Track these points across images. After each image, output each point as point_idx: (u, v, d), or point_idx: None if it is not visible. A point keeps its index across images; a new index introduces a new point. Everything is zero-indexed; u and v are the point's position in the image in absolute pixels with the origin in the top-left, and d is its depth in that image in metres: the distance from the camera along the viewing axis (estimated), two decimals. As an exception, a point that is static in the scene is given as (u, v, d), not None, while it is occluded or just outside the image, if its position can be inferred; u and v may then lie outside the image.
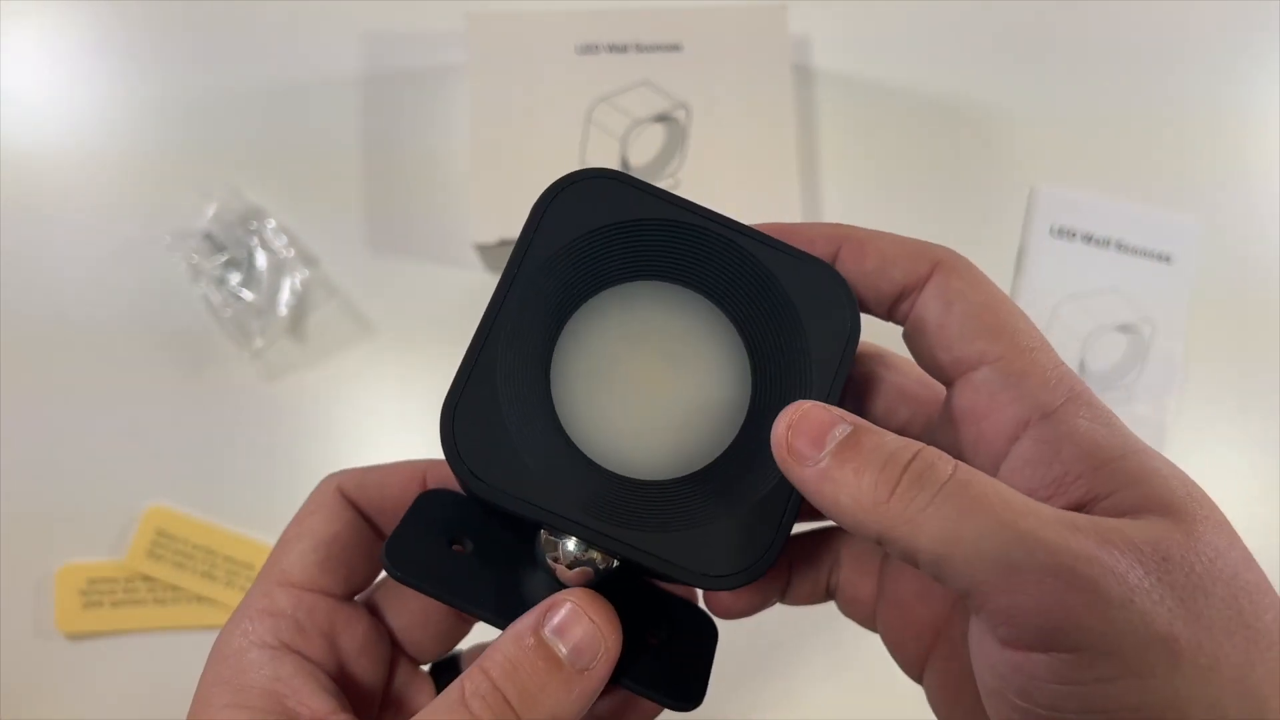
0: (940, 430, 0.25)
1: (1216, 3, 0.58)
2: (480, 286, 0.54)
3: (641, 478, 0.24)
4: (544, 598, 0.23)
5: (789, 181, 0.49)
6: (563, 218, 0.25)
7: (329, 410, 0.53)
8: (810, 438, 0.21)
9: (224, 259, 0.52)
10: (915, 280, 0.25)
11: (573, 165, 0.48)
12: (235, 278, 0.52)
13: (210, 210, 0.52)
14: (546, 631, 0.22)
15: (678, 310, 0.25)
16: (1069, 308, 0.55)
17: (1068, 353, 0.54)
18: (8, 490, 0.52)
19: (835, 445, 0.21)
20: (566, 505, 0.23)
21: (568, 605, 0.23)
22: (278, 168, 0.54)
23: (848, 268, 0.25)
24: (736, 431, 0.25)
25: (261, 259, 0.52)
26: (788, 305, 0.25)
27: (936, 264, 0.24)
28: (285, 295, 0.52)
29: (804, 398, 0.23)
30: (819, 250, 0.25)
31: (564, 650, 0.22)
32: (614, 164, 0.48)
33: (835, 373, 0.25)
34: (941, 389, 0.25)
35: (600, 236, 0.25)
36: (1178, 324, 0.55)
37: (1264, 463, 0.55)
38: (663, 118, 0.49)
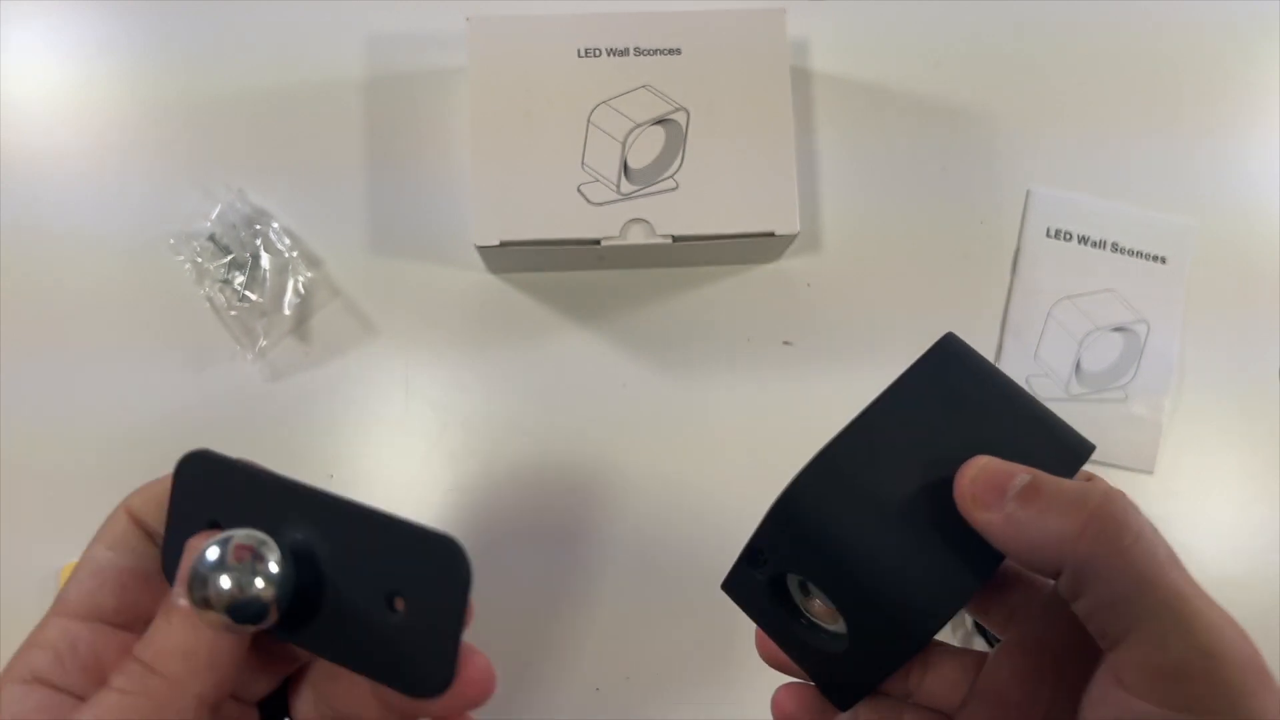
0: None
1: (1215, 4, 0.59)
2: (481, 287, 0.55)
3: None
4: None
5: (788, 184, 0.49)
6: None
7: (332, 410, 0.53)
8: (992, 486, 0.24)
9: (228, 260, 0.52)
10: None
11: (573, 167, 0.49)
12: (239, 279, 0.52)
13: (214, 211, 0.53)
14: (176, 594, 0.23)
15: None
16: (1065, 308, 0.55)
17: (1064, 353, 0.55)
18: (11, 489, 0.52)
19: (1017, 492, 0.24)
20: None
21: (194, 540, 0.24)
22: (281, 169, 0.55)
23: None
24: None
25: (265, 260, 0.52)
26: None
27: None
28: (289, 296, 0.52)
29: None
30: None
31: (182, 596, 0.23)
32: (614, 166, 0.49)
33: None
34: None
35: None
36: (1174, 324, 0.56)
37: (1260, 462, 0.55)
38: (662, 120, 0.49)
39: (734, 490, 0.54)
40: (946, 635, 0.53)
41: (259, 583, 0.23)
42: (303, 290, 0.53)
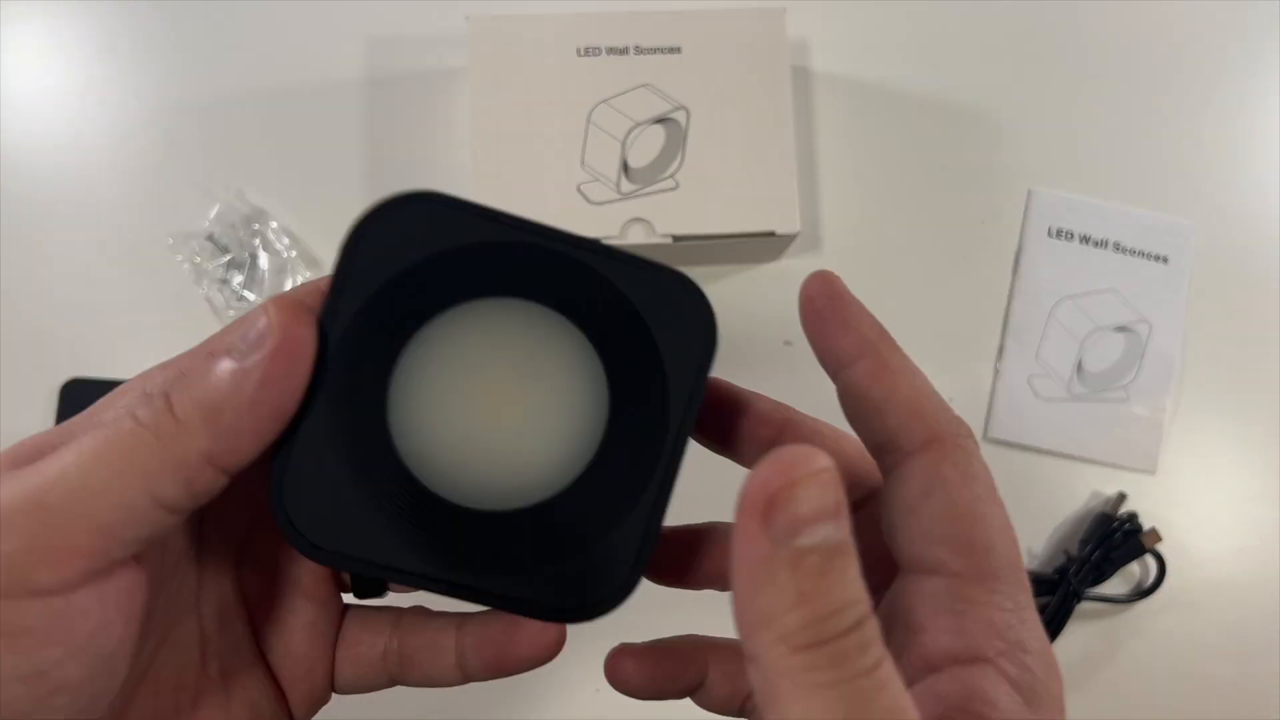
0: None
1: (1215, 4, 0.58)
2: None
3: (487, 509, 0.23)
4: None
5: (788, 183, 0.49)
6: (380, 248, 0.23)
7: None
8: (797, 521, 0.17)
9: (226, 260, 0.52)
10: (910, 446, 0.23)
11: (573, 167, 0.49)
12: (238, 279, 0.52)
13: (213, 212, 0.52)
14: (232, 339, 0.21)
15: (524, 324, 0.23)
16: (1067, 308, 0.55)
17: (1065, 353, 0.55)
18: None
19: (809, 546, 0.17)
20: (410, 558, 0.23)
21: (259, 312, 0.21)
22: (280, 169, 0.54)
23: (866, 386, 0.24)
24: (593, 453, 0.23)
25: (264, 260, 0.52)
26: (638, 322, 0.23)
27: (935, 439, 0.23)
28: (287, 296, 0.52)
29: (656, 423, 0.22)
30: (857, 375, 0.24)
31: (240, 345, 0.21)
32: (614, 166, 0.49)
33: (691, 394, 0.24)
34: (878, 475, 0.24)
35: (425, 267, 0.23)
36: (1175, 324, 0.55)
37: (1261, 462, 0.55)
38: (662, 119, 0.49)
39: (733, 490, 0.54)
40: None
41: None
42: (302, 290, 0.53)
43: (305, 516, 0.23)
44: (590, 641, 0.53)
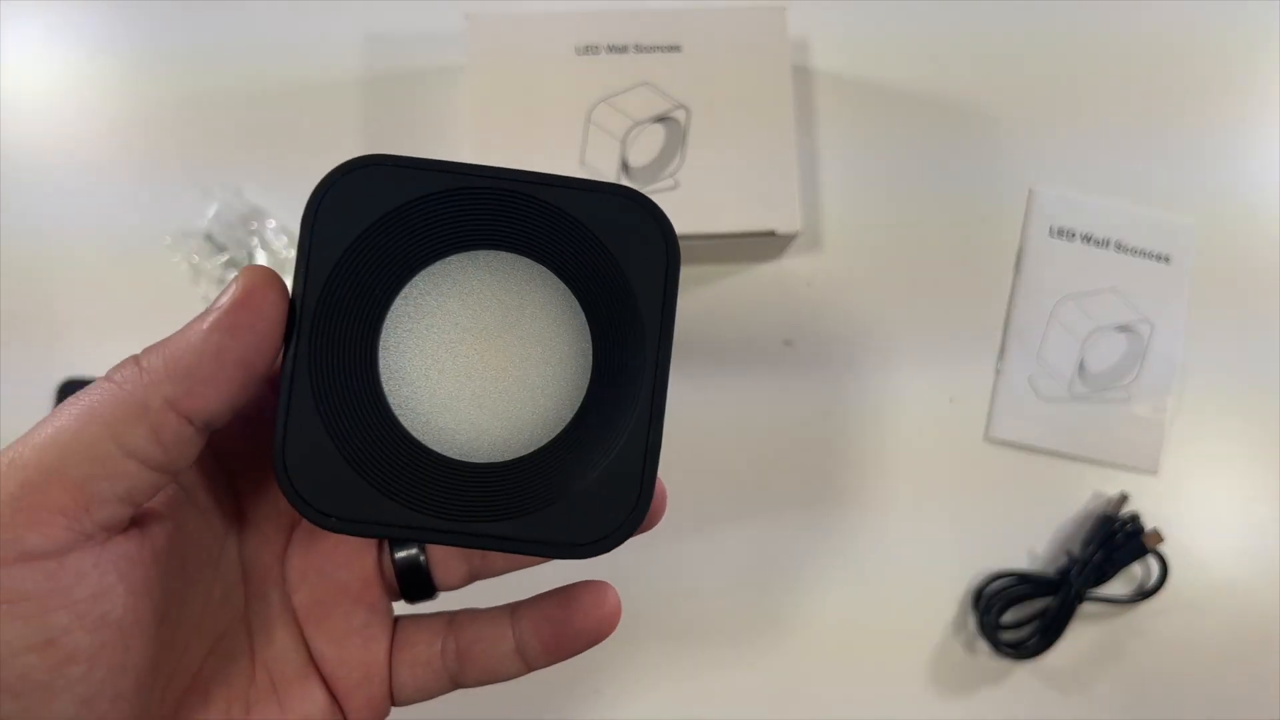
0: None
1: (1216, 4, 0.58)
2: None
3: (492, 460, 0.24)
4: None
5: (789, 182, 0.49)
6: (339, 215, 0.23)
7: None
8: None
9: (225, 259, 0.52)
10: None
11: (573, 165, 0.49)
12: (236, 278, 0.52)
13: (211, 210, 0.52)
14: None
15: (499, 275, 0.24)
16: (1068, 308, 0.55)
17: (1067, 353, 0.55)
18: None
19: None
20: (417, 516, 0.23)
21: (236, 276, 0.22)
22: (279, 168, 0.54)
23: None
24: (584, 391, 0.24)
25: (262, 259, 0.52)
26: (599, 247, 0.24)
27: None
28: (285, 295, 0.52)
29: (638, 343, 0.23)
30: None
31: (220, 301, 0.22)
32: (614, 165, 0.48)
33: (662, 309, 0.23)
34: None
35: (386, 225, 0.23)
36: (1177, 324, 0.55)
37: (1264, 462, 0.55)
38: (662, 118, 0.49)
39: (733, 490, 0.54)
40: (950, 634, 0.53)
41: None
42: (300, 290, 0.52)
43: (310, 485, 0.23)
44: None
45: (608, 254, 0.23)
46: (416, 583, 0.28)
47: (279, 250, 0.52)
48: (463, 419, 0.24)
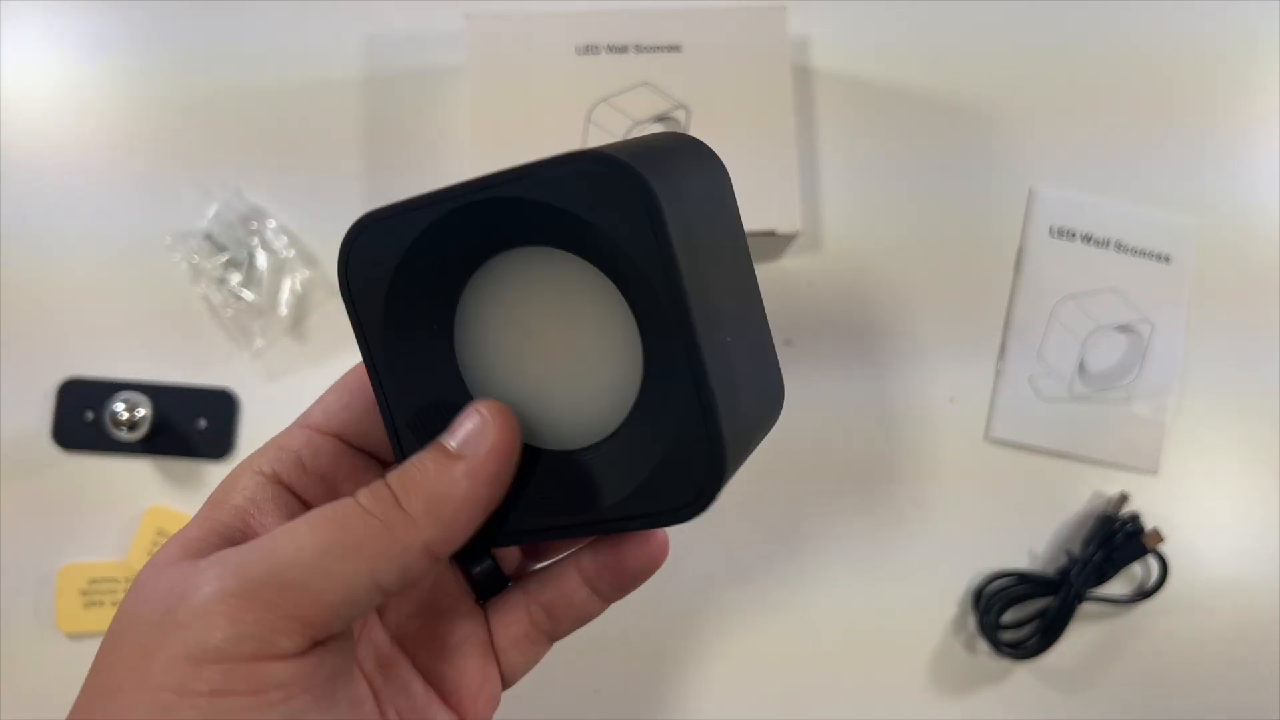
0: None
1: (1216, 3, 0.58)
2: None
3: (579, 446, 0.25)
4: None
5: (789, 182, 0.49)
6: (368, 270, 0.25)
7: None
8: None
9: (225, 259, 0.52)
10: None
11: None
12: (236, 278, 0.52)
13: (211, 210, 0.52)
14: (445, 440, 0.24)
15: (532, 275, 0.24)
16: (1068, 308, 0.55)
17: (1067, 353, 0.55)
18: (10, 490, 0.52)
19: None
20: (533, 518, 0.24)
21: (470, 412, 0.24)
22: (278, 168, 0.54)
23: None
24: (642, 366, 0.24)
25: (262, 259, 0.52)
26: (592, 228, 0.23)
27: None
28: (286, 295, 0.52)
29: (671, 302, 0.22)
30: None
31: (453, 444, 0.23)
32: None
33: (664, 255, 0.22)
34: None
35: (405, 271, 0.25)
36: (1177, 324, 0.55)
37: (1264, 462, 0.55)
38: (662, 118, 0.49)
39: (732, 490, 0.54)
40: (950, 634, 0.53)
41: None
42: (300, 289, 0.52)
43: None
44: (589, 642, 0.53)
45: (599, 231, 0.23)
46: (493, 580, 0.29)
47: (279, 250, 0.52)
48: (543, 416, 0.24)
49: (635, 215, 0.22)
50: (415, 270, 0.24)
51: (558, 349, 0.24)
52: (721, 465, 0.23)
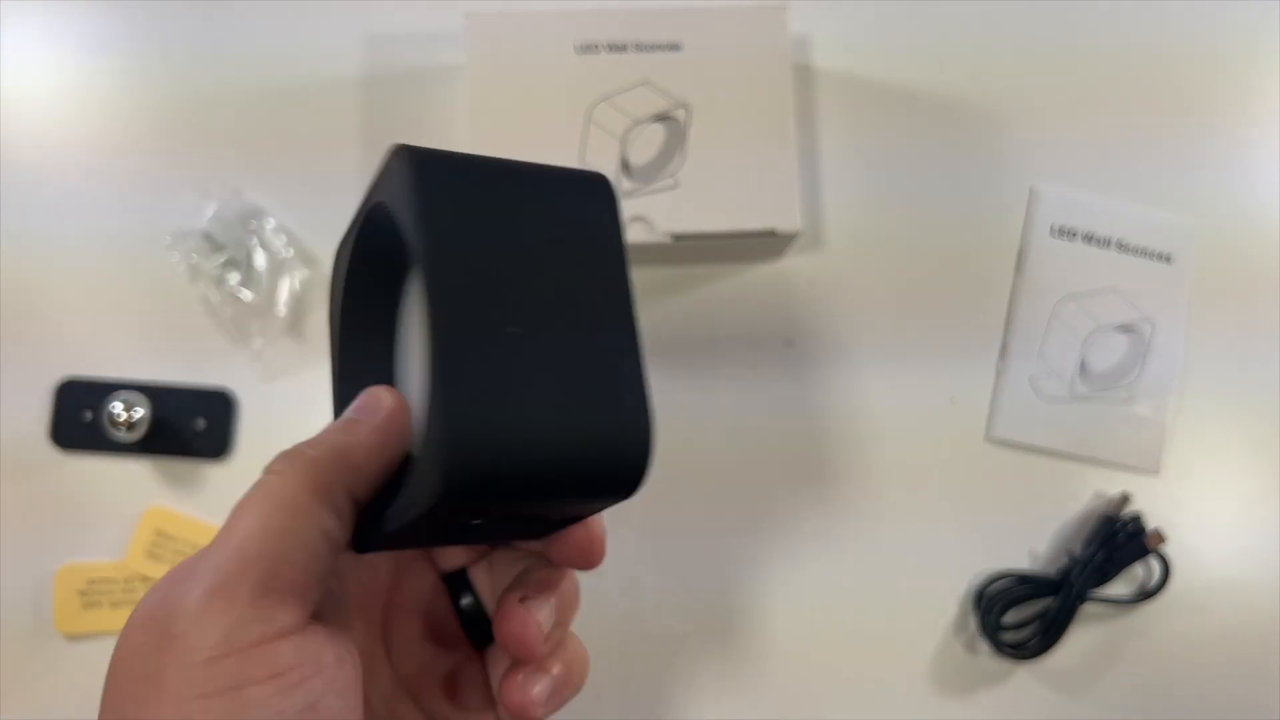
0: None
1: (1216, 3, 0.58)
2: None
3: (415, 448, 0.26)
4: None
5: (789, 181, 0.49)
6: (337, 271, 0.27)
7: (328, 410, 0.53)
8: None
9: (223, 259, 0.52)
10: None
11: (572, 164, 0.48)
12: (234, 277, 0.52)
13: (209, 210, 0.52)
14: (346, 413, 0.26)
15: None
16: (1069, 307, 0.55)
17: (1068, 352, 0.54)
18: (8, 490, 0.52)
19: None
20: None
21: (366, 392, 0.26)
22: (278, 168, 0.54)
23: None
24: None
25: (261, 259, 0.52)
26: (385, 209, 0.25)
27: None
28: (284, 295, 0.52)
29: (422, 262, 0.23)
30: None
31: (350, 414, 0.26)
32: (614, 164, 0.48)
33: (423, 217, 0.23)
34: None
35: (354, 270, 0.27)
36: (1178, 323, 0.55)
37: (1266, 462, 0.55)
38: (662, 117, 0.49)
39: (733, 490, 0.54)
40: (951, 635, 0.53)
41: None
42: (298, 289, 0.52)
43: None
44: (589, 642, 0.53)
45: (387, 211, 0.24)
46: (477, 618, 0.31)
47: (278, 250, 0.52)
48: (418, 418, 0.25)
49: (404, 187, 0.23)
50: (359, 275, 0.26)
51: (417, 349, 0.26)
52: (450, 464, 0.21)
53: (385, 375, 0.26)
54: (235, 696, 0.21)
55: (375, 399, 0.26)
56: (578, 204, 0.24)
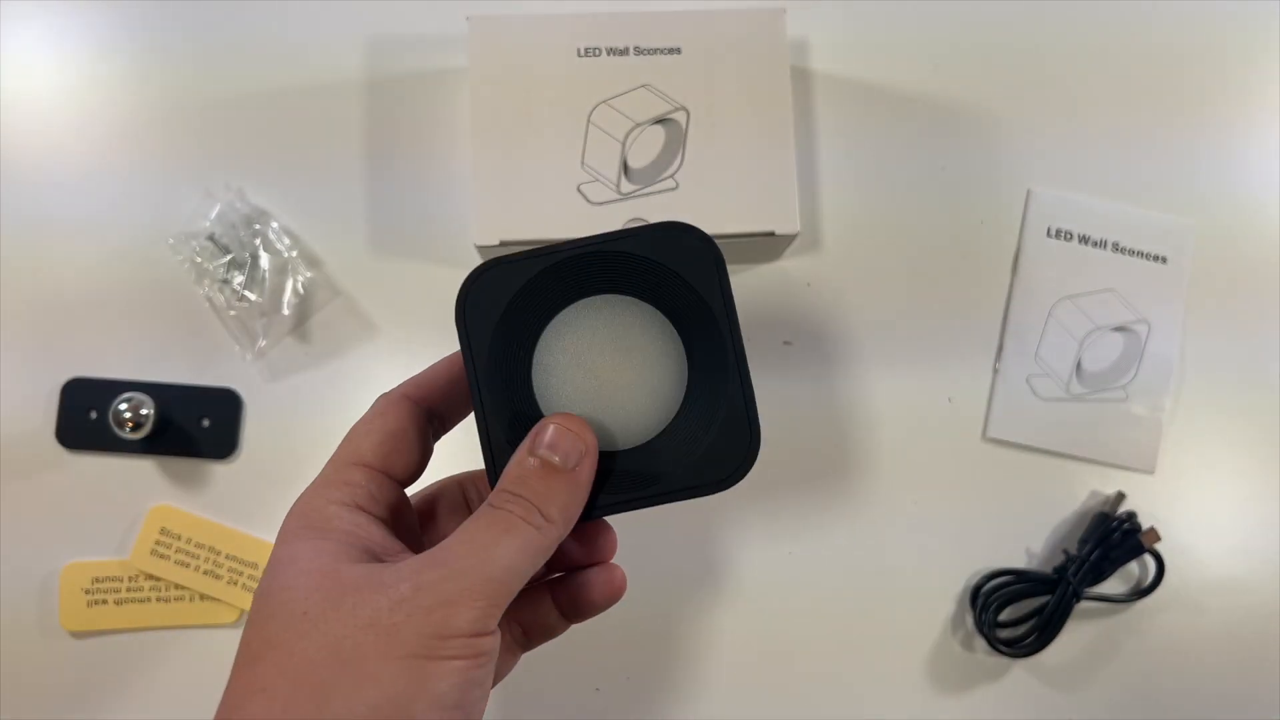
0: None
1: (1214, 4, 0.59)
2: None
3: (643, 442, 0.31)
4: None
5: (788, 183, 0.49)
6: (480, 308, 0.31)
7: (332, 410, 0.53)
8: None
9: (227, 260, 0.52)
10: None
11: (573, 166, 0.49)
12: (239, 279, 0.52)
13: (214, 212, 0.53)
14: (540, 450, 0.29)
15: (603, 313, 0.32)
16: (1065, 308, 0.55)
17: (1065, 353, 0.55)
18: (14, 489, 0.52)
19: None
20: (612, 497, 0.31)
21: (551, 425, 0.29)
22: (281, 170, 0.55)
23: None
24: (686, 377, 0.32)
25: (265, 260, 0.52)
26: (663, 269, 0.31)
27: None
28: (288, 296, 0.52)
29: (714, 328, 0.31)
30: None
31: (556, 459, 0.29)
32: (614, 167, 0.49)
33: (723, 297, 0.31)
34: None
35: (515, 305, 0.31)
36: (1174, 324, 0.56)
37: (1260, 462, 0.55)
38: (662, 120, 0.49)
39: (732, 489, 0.54)
40: (948, 632, 0.53)
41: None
42: (302, 290, 0.53)
43: None
44: (589, 640, 0.54)
45: (670, 271, 0.31)
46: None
47: (282, 251, 0.53)
48: (612, 419, 0.31)
49: (706, 267, 0.30)
50: (519, 309, 0.31)
51: (615, 370, 0.31)
52: (757, 449, 0.31)
53: (530, 397, 0.31)
54: (448, 663, 0.26)
55: (571, 447, 0.29)
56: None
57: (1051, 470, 0.55)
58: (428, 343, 0.54)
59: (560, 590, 0.34)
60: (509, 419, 0.31)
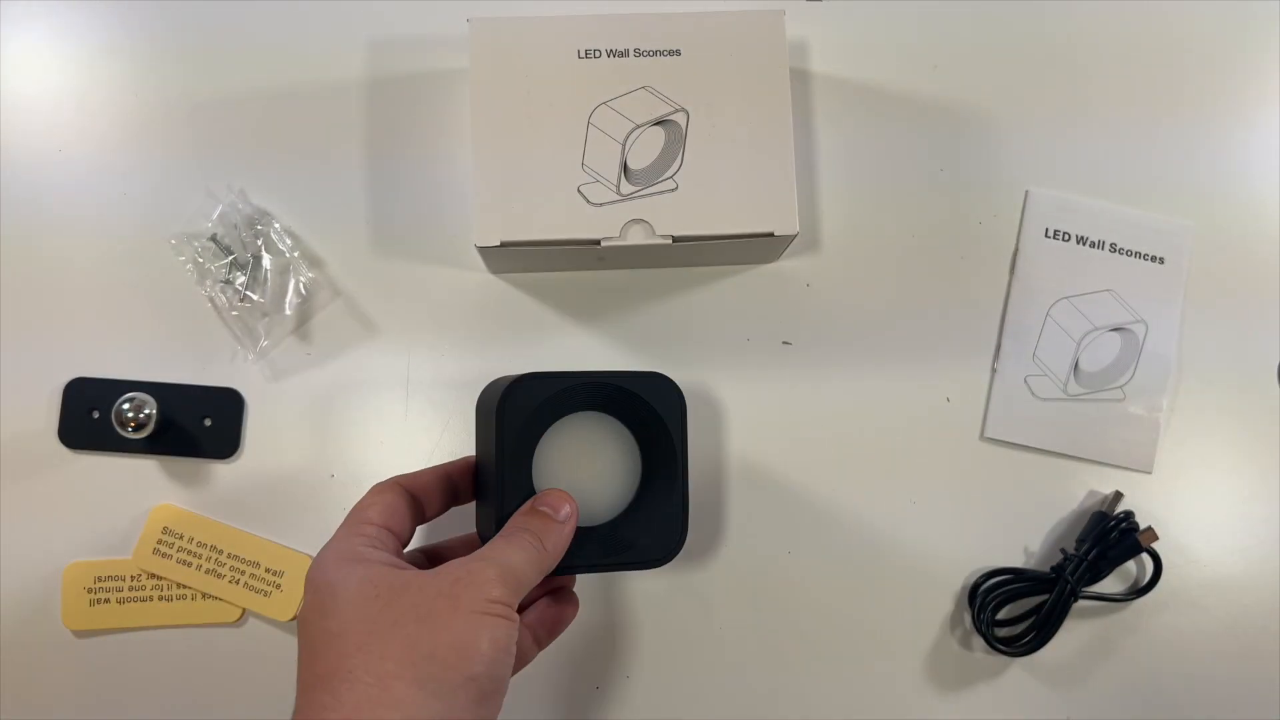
0: None
1: (1212, 5, 0.59)
2: (482, 287, 0.55)
3: (603, 521, 0.44)
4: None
5: (787, 185, 0.49)
6: (517, 403, 0.41)
7: (334, 410, 0.53)
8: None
9: (229, 260, 0.52)
10: None
11: (573, 168, 0.49)
12: (241, 279, 0.52)
13: (216, 212, 0.53)
14: (542, 505, 0.41)
15: (591, 424, 0.44)
16: (1063, 308, 0.55)
17: (1062, 353, 0.55)
18: (17, 488, 0.52)
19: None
20: (579, 562, 0.42)
21: (552, 492, 0.41)
22: (283, 170, 0.55)
23: None
24: (638, 479, 0.44)
25: (267, 260, 0.53)
26: (646, 405, 0.43)
27: None
28: (290, 296, 0.53)
29: (669, 448, 0.43)
30: None
31: (552, 513, 0.40)
32: (614, 168, 0.49)
33: (682, 428, 0.44)
34: None
35: (541, 409, 0.42)
36: (1171, 324, 0.56)
37: (1257, 461, 0.56)
38: (662, 121, 0.49)
39: (732, 489, 0.54)
40: (946, 631, 0.54)
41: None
42: (304, 290, 0.53)
43: None
44: (589, 639, 0.54)
45: (648, 406, 0.43)
46: None
47: (284, 252, 0.53)
48: (585, 501, 0.42)
49: (675, 406, 0.43)
50: (542, 412, 0.42)
51: (590, 464, 0.44)
52: (683, 543, 0.44)
53: (528, 477, 0.42)
54: (493, 624, 0.36)
55: (563, 508, 0.41)
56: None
57: (1049, 470, 0.55)
58: (429, 343, 0.54)
59: (533, 619, 0.44)
60: (515, 485, 0.41)
